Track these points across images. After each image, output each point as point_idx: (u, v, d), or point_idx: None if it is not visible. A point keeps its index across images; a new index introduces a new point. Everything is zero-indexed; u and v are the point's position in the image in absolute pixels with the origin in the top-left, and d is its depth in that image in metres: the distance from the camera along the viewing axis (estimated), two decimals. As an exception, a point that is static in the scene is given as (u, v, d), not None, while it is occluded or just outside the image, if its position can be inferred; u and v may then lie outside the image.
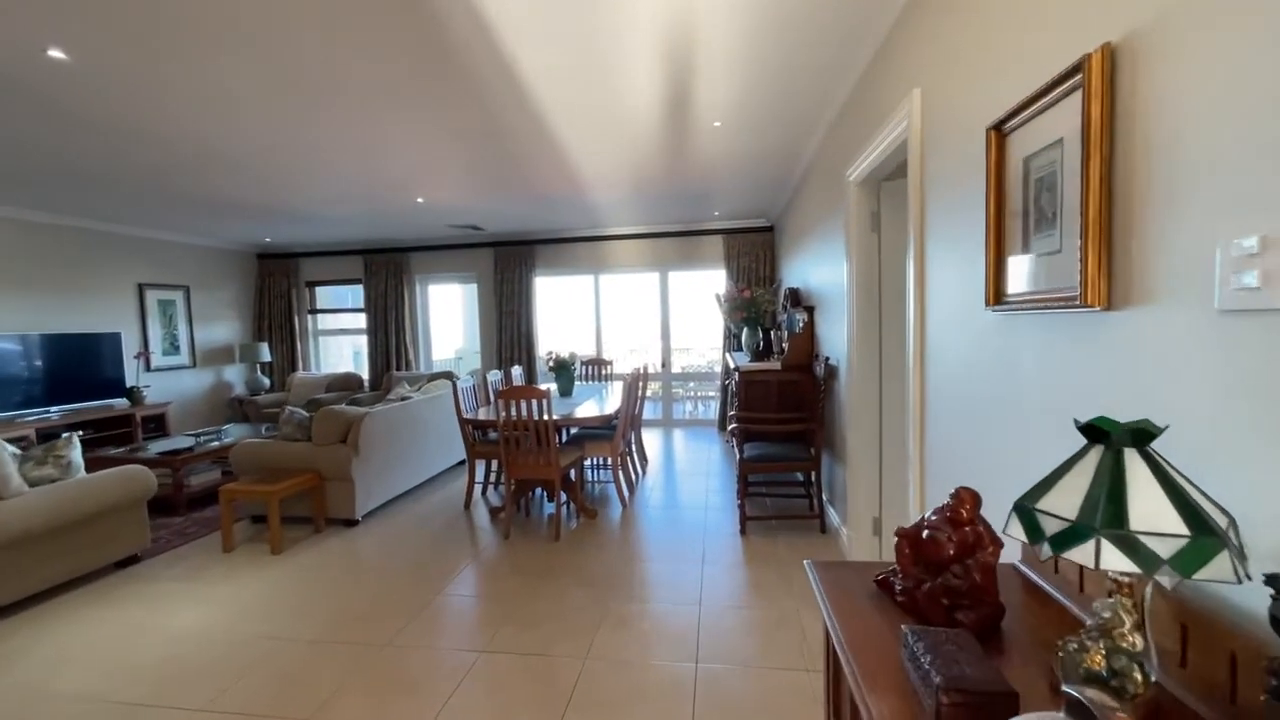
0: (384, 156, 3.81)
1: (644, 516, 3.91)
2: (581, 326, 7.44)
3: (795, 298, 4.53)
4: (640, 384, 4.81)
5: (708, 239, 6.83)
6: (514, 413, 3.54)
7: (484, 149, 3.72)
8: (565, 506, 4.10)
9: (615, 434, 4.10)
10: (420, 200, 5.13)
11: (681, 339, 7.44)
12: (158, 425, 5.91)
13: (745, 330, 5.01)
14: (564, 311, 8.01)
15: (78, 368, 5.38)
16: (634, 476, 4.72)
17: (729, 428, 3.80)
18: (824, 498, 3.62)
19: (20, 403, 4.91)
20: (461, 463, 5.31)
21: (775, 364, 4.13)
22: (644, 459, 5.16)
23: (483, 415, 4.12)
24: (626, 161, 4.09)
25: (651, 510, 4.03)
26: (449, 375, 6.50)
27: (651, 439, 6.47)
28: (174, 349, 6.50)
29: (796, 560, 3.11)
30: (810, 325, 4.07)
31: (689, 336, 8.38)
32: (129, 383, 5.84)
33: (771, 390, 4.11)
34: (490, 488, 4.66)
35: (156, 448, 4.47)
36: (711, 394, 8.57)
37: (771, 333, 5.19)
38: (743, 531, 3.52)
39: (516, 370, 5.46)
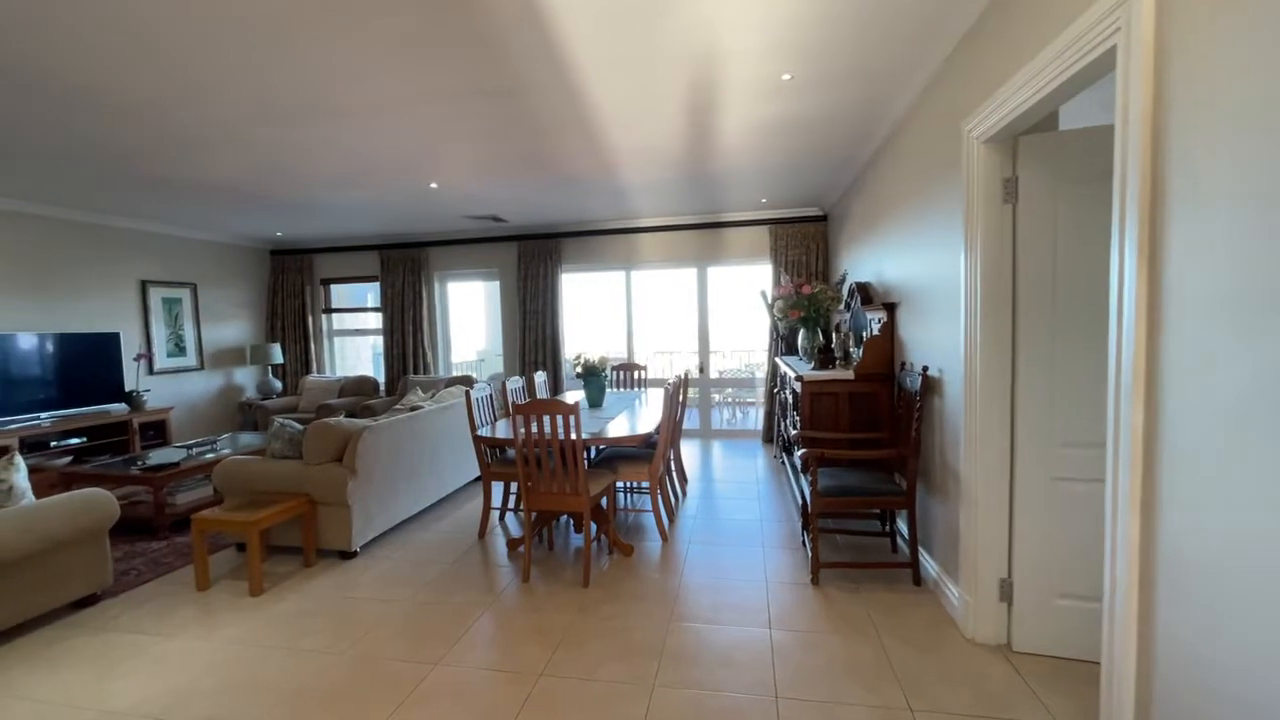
0: (393, 125, 3.25)
1: (689, 554, 3.26)
2: (611, 327, 6.82)
3: (866, 294, 3.83)
4: (682, 393, 4.17)
5: (751, 230, 6.14)
6: (535, 431, 2.93)
7: (504, 117, 3.12)
8: (596, 540, 3.48)
9: (655, 455, 3.46)
10: (434, 185, 4.58)
11: (718, 341, 6.75)
12: (158, 432, 5.49)
13: (802, 332, 4.32)
14: (593, 311, 7.42)
15: (72, 370, 4.97)
16: (674, 500, 4.08)
17: (797, 451, 3.13)
18: (918, 542, 2.92)
19: (6, 408, 4.52)
20: (480, 478, 4.75)
21: (847, 372, 3.44)
22: (683, 478, 4.51)
23: (501, 431, 3.53)
24: (668, 132, 3.45)
25: (697, 546, 3.38)
26: (467, 380, 5.97)
27: (689, 451, 5.82)
28: (179, 350, 6.10)
29: (890, 627, 2.43)
30: (890, 326, 3.37)
31: (726, 338, 7.68)
32: (128, 386, 5.44)
33: (842, 404, 3.42)
34: (510, 512, 4.07)
35: (156, 458, 4.00)
36: (750, 400, 7.87)
37: (832, 335, 4.50)
38: (814, 581, 2.85)
39: (540, 377, 4.86)
